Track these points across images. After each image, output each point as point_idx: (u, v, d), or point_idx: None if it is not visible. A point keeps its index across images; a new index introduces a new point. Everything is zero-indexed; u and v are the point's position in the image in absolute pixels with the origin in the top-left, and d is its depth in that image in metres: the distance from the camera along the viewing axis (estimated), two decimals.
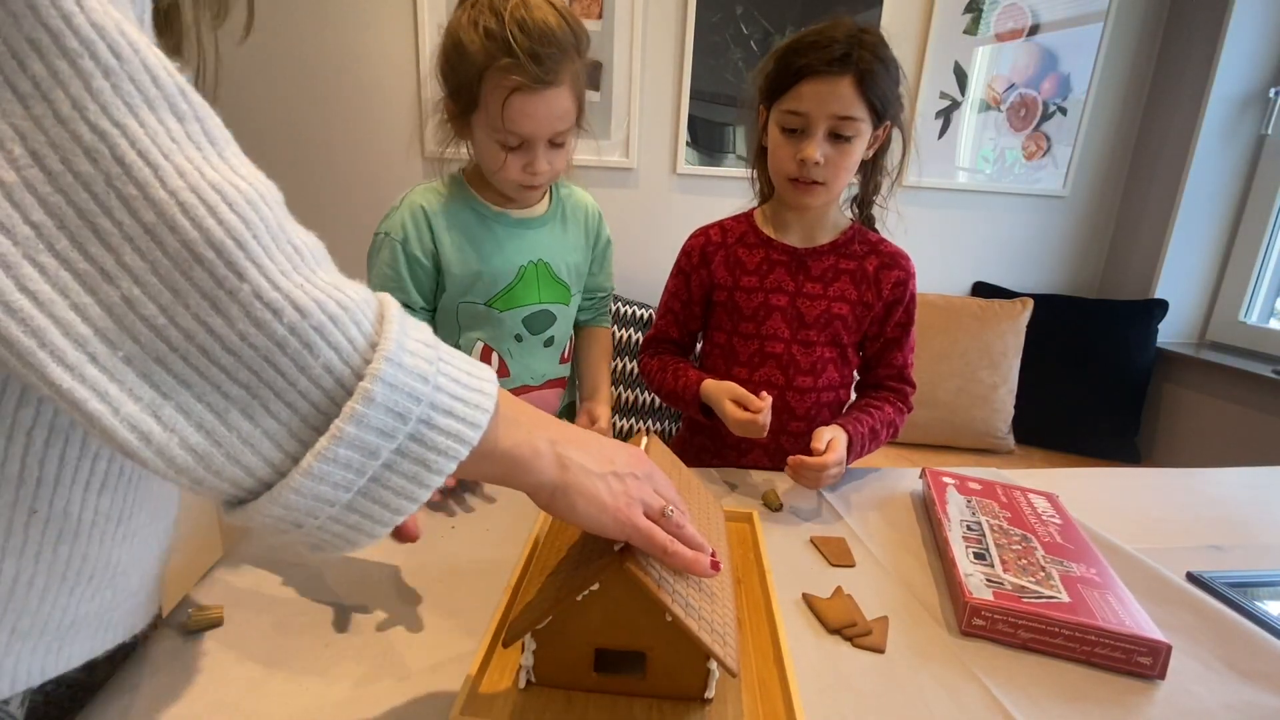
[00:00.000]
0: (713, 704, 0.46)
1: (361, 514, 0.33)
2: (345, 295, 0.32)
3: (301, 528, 0.32)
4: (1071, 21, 2.01)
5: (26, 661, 0.36)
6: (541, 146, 0.84)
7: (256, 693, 0.47)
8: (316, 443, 0.30)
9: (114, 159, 0.26)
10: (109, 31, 0.26)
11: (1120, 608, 0.57)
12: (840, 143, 0.83)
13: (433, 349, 0.34)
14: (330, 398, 0.31)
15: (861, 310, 0.92)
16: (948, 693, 0.51)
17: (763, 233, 0.95)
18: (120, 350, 0.27)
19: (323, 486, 0.31)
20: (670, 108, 1.97)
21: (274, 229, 0.30)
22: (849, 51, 0.79)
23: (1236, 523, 0.84)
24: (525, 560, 0.61)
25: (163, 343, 0.27)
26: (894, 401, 0.94)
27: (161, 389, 0.28)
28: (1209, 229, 2.04)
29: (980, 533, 0.69)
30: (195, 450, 0.29)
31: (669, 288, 1.02)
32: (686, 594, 0.46)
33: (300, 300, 0.29)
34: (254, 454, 0.30)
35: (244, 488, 0.31)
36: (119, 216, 0.26)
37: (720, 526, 0.61)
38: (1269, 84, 1.92)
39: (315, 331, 0.30)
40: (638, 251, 2.08)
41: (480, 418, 0.35)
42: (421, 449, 0.33)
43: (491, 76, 0.78)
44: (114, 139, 0.26)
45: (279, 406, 0.30)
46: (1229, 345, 2.04)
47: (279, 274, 0.29)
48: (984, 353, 1.98)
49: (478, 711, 0.44)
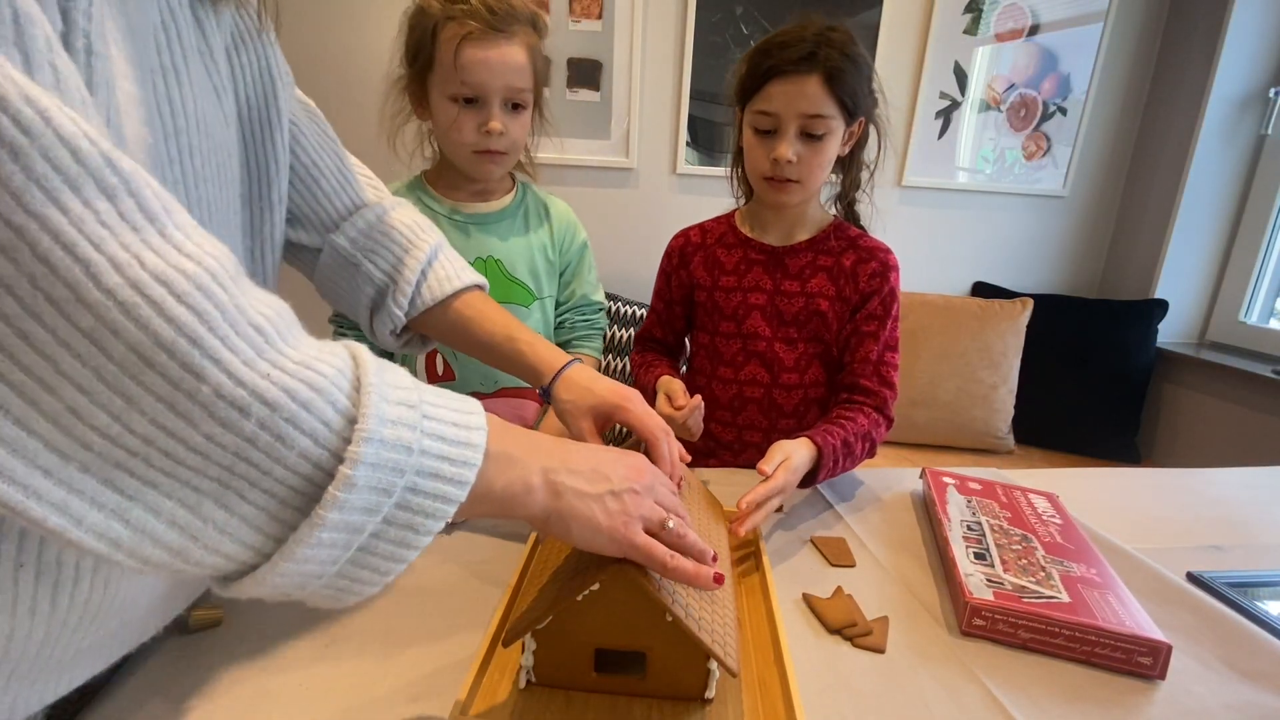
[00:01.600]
0: (713, 704, 0.46)
1: (350, 579, 0.33)
2: (317, 374, 0.29)
3: (290, 596, 0.32)
4: (1071, 21, 2.01)
5: (25, 695, 0.35)
6: (496, 104, 0.85)
7: (256, 693, 0.47)
8: (300, 527, 0.29)
9: (36, 257, 0.22)
10: (11, 102, 0.22)
11: (1120, 608, 0.57)
12: (812, 141, 0.83)
13: (415, 409, 0.32)
14: (310, 480, 0.30)
15: (841, 306, 0.92)
16: (948, 693, 0.50)
17: (741, 232, 0.96)
18: (74, 460, 0.25)
19: (308, 566, 0.30)
20: (670, 108, 1.97)
21: (231, 314, 0.27)
22: (815, 50, 0.80)
23: (1236, 523, 0.84)
24: (525, 560, 0.61)
25: (120, 449, 0.25)
26: (868, 411, 0.86)
27: (126, 492, 0.26)
28: (1209, 229, 2.04)
29: (980, 533, 0.69)
30: (170, 547, 0.28)
31: (655, 288, 1.04)
32: (687, 594, 0.46)
33: (268, 393, 0.27)
34: (233, 542, 0.29)
35: (225, 572, 0.30)
36: (51, 322, 0.23)
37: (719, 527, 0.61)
38: (1269, 84, 1.92)
39: (287, 423, 0.28)
40: (637, 251, 2.08)
41: (467, 474, 0.34)
42: (409, 514, 0.32)
43: (446, 27, 0.82)
44: (33, 233, 0.22)
45: (255, 494, 0.29)
46: (1229, 345, 2.04)
47: (241, 366, 0.27)
48: (984, 353, 1.98)
49: (478, 711, 0.44)
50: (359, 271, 0.62)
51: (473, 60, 0.81)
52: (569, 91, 1.91)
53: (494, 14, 0.81)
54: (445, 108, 0.85)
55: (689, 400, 0.80)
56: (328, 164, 0.60)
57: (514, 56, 0.84)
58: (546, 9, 1.83)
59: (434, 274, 0.64)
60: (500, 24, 0.82)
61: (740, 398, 0.95)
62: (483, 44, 0.81)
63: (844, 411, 0.86)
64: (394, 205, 0.65)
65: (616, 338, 1.90)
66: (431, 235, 0.65)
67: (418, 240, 0.63)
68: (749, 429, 0.96)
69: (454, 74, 0.82)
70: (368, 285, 0.63)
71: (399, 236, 0.63)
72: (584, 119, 1.94)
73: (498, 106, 0.85)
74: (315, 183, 0.59)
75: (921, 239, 2.14)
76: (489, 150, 0.87)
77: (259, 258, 0.53)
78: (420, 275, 0.63)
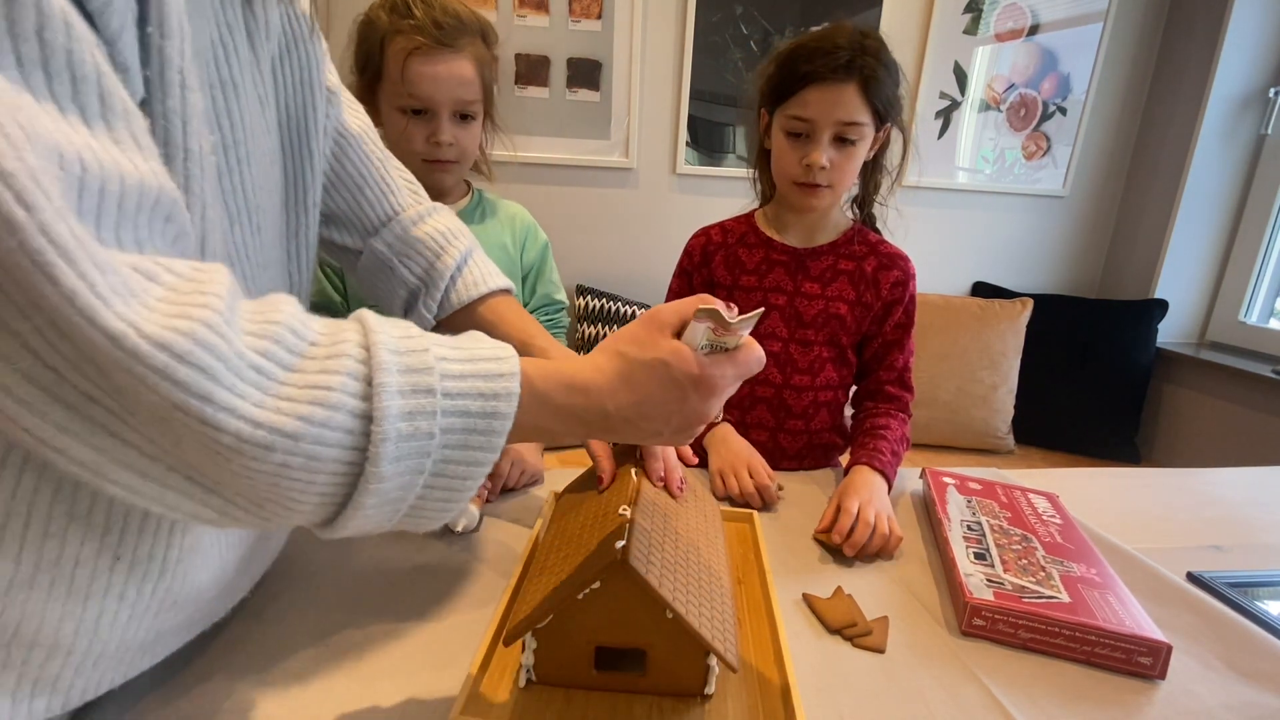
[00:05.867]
0: (713, 700, 0.46)
1: (416, 518, 0.37)
2: (327, 391, 0.31)
3: (370, 533, 0.36)
4: (1071, 21, 2.02)
5: (110, 673, 0.40)
6: (445, 116, 0.86)
7: (256, 693, 0.46)
8: (346, 508, 0.33)
9: (73, 329, 0.25)
10: (20, 182, 0.23)
11: (1120, 608, 0.57)
12: (845, 146, 0.84)
13: (432, 395, 0.33)
14: (347, 474, 0.32)
15: (860, 311, 0.93)
16: (948, 693, 0.50)
17: (763, 233, 0.96)
18: (160, 463, 0.30)
19: (367, 524, 0.35)
20: (670, 108, 1.97)
21: (233, 362, 0.28)
22: (853, 58, 0.80)
23: (1236, 523, 0.84)
24: (525, 560, 0.61)
25: (187, 464, 0.30)
26: (896, 414, 0.91)
27: (205, 487, 0.31)
28: (1209, 229, 2.04)
29: (980, 533, 0.69)
30: (249, 524, 0.33)
31: (672, 288, 1.03)
32: (687, 591, 0.46)
33: (286, 426, 0.29)
34: (298, 519, 0.34)
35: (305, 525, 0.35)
36: (95, 379, 0.27)
37: (718, 526, 0.61)
38: (1269, 84, 1.92)
39: (313, 444, 0.30)
40: (637, 251, 2.08)
41: (496, 440, 0.36)
42: (446, 479, 0.36)
43: (393, 41, 0.82)
44: (52, 302, 0.25)
45: (304, 497, 0.32)
46: (1229, 345, 2.04)
47: (253, 409, 0.28)
48: (984, 353, 1.98)
49: (478, 711, 0.44)
50: (394, 275, 0.65)
51: (420, 75, 0.82)
52: (569, 91, 1.91)
53: (441, 29, 0.82)
54: (394, 118, 0.86)
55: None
56: (372, 173, 0.63)
57: (461, 70, 0.85)
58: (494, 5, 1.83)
59: (463, 278, 0.66)
60: (447, 39, 0.82)
61: (751, 396, 0.96)
62: (430, 59, 0.82)
63: (877, 421, 0.89)
64: (431, 211, 0.67)
65: None
66: (463, 241, 0.67)
67: (449, 246, 0.66)
68: (756, 428, 0.96)
69: (401, 87, 0.83)
70: (401, 288, 0.65)
71: (432, 243, 0.65)
72: (584, 119, 1.94)
73: (446, 118, 0.86)
74: (360, 190, 0.62)
75: (921, 239, 2.14)
76: (438, 160, 0.89)
77: (295, 257, 0.56)
78: (450, 280, 0.66)
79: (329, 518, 0.34)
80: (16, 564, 0.33)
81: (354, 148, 0.62)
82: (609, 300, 1.95)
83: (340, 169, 0.61)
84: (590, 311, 1.94)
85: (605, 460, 0.58)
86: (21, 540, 0.33)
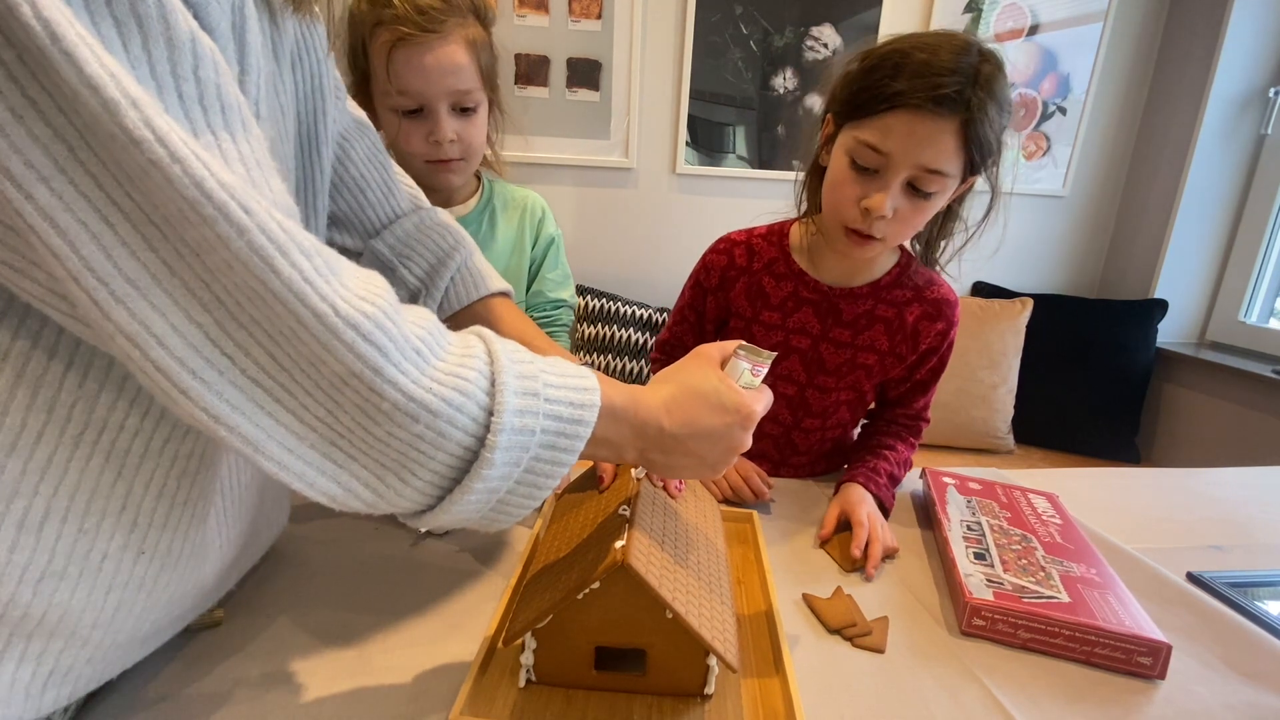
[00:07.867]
0: (712, 700, 0.46)
1: (498, 513, 0.41)
2: (464, 380, 0.37)
3: (455, 526, 0.41)
4: (1071, 21, 2.02)
5: (122, 658, 0.42)
6: (442, 110, 0.78)
7: (255, 694, 0.46)
8: (454, 491, 0.38)
9: (285, 309, 0.31)
10: (238, 193, 0.29)
11: (1120, 608, 0.57)
12: (917, 198, 0.68)
13: (537, 398, 0.39)
14: (462, 459, 0.37)
15: (891, 361, 0.83)
16: (948, 693, 0.50)
17: (795, 263, 0.82)
18: (305, 440, 0.34)
19: (462, 514, 0.39)
20: (670, 108, 1.97)
21: (401, 343, 0.34)
22: (962, 89, 0.63)
23: (1236, 523, 0.84)
24: (525, 560, 0.61)
25: (333, 433, 0.35)
26: (905, 438, 0.85)
27: (338, 463, 0.35)
28: (1209, 229, 2.04)
29: (980, 533, 0.69)
30: (365, 501, 0.37)
31: (685, 295, 0.91)
32: (687, 591, 0.46)
33: (431, 404, 0.35)
34: (407, 500, 0.38)
35: (404, 512, 0.39)
36: (292, 350, 0.32)
37: (718, 527, 0.61)
38: (1269, 84, 1.92)
39: (446, 423, 0.36)
40: (638, 251, 2.08)
41: (577, 444, 0.41)
42: (533, 476, 0.40)
43: (376, 35, 0.75)
44: (273, 288, 0.30)
45: (424, 472, 0.37)
46: (1229, 345, 2.04)
47: (410, 384, 0.34)
48: (984, 353, 1.98)
49: (478, 711, 0.44)
50: (395, 275, 0.65)
51: (406, 68, 0.74)
52: (569, 91, 1.91)
53: (423, 14, 0.73)
54: (390, 120, 0.79)
55: None
56: (374, 176, 0.64)
57: (452, 57, 0.76)
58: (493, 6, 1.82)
59: (461, 280, 0.67)
60: (431, 23, 0.73)
61: (758, 433, 0.91)
62: (415, 48, 0.74)
63: (883, 441, 0.85)
64: (431, 213, 0.68)
65: (618, 339, 1.90)
66: (463, 244, 0.67)
67: (449, 248, 0.66)
68: (758, 458, 0.88)
69: (389, 85, 0.75)
70: (401, 289, 0.66)
71: (432, 244, 0.66)
72: (584, 119, 1.94)
73: (444, 113, 0.78)
74: (362, 193, 0.63)
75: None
76: (441, 159, 0.81)
77: None
78: (449, 281, 0.66)
79: (431, 503, 0.38)
80: (51, 556, 0.35)
81: (356, 149, 0.62)
82: (609, 300, 1.95)
83: (343, 171, 0.61)
84: (590, 311, 1.94)
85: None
86: (59, 533, 0.35)
